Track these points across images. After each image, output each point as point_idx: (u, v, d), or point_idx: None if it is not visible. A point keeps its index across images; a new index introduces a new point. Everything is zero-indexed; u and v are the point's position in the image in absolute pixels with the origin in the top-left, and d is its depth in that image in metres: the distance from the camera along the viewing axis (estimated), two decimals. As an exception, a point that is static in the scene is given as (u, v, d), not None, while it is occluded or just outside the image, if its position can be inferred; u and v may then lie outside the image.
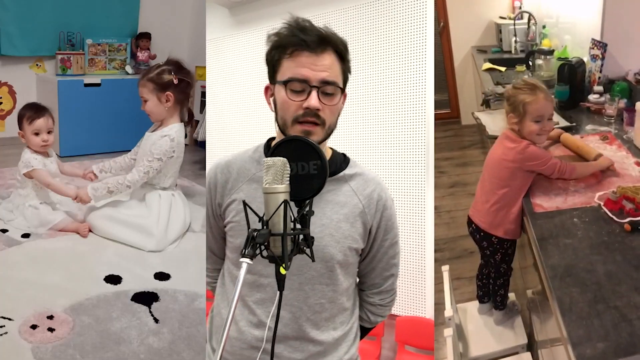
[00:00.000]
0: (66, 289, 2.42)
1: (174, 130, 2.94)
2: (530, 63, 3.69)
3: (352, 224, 1.33)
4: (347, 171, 1.36)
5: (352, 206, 1.34)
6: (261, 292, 1.33)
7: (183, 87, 2.96)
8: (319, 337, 1.35)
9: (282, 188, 1.09)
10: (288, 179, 1.11)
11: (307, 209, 1.14)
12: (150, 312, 2.31)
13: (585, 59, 3.02)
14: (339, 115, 1.32)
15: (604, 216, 1.91)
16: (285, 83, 1.26)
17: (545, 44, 3.80)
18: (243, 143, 3.53)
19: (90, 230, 2.97)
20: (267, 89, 1.34)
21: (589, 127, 2.67)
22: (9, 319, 2.18)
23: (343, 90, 1.30)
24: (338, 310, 1.37)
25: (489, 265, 2.48)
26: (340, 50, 1.28)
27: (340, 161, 1.38)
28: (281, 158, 1.10)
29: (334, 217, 1.32)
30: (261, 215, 1.10)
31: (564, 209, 2.00)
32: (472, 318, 2.69)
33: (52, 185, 2.99)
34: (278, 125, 1.30)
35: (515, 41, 4.27)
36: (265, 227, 1.08)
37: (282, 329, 1.32)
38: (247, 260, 1.04)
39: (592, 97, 2.87)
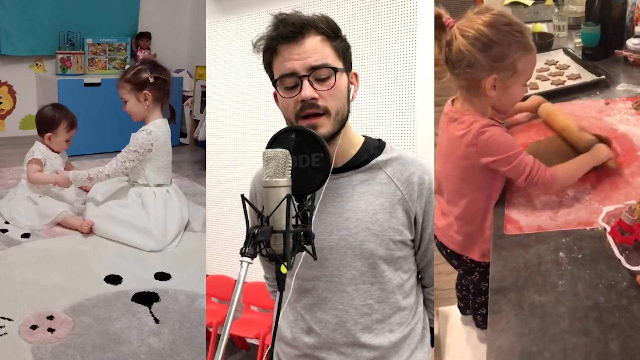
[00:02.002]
0: (66, 289, 2.39)
1: (153, 125, 2.95)
2: None
3: (392, 213, 1.22)
4: (380, 157, 1.26)
5: (390, 194, 1.23)
6: (307, 296, 1.26)
7: (160, 84, 2.97)
8: (373, 341, 1.24)
9: (284, 182, 1.02)
10: (290, 172, 1.04)
11: (309, 204, 1.07)
12: (151, 312, 2.29)
13: None
14: (350, 99, 1.24)
15: (608, 251, 1.20)
16: (277, 83, 1.20)
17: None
18: (242, 142, 3.51)
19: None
20: (275, 95, 1.27)
21: (620, 86, 1.98)
22: (9, 319, 2.15)
23: (340, 70, 1.20)
24: (392, 310, 1.26)
25: (467, 280, 2.01)
26: (324, 30, 1.19)
27: (374, 148, 1.28)
28: (283, 150, 1.04)
29: (370, 208, 1.21)
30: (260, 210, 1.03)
31: (549, 232, 1.31)
32: (453, 328, 2.19)
33: (33, 180, 3.01)
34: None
35: (547, -34, 3.16)
36: (266, 223, 1.01)
37: (330, 335, 1.24)
38: (248, 259, 0.97)
39: (631, 42, 2.13)
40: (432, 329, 1.36)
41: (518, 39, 1.45)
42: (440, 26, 1.50)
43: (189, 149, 4.76)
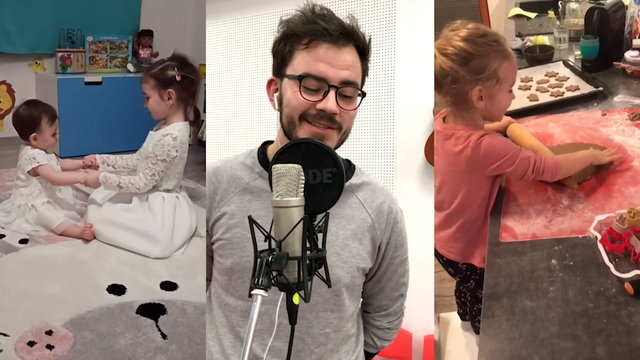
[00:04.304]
0: (66, 300, 2.30)
1: (177, 129, 2.83)
2: (560, 7, 2.86)
3: (360, 240, 1.18)
4: (353, 180, 1.21)
5: (360, 220, 1.18)
6: (257, 321, 1.13)
7: (186, 84, 2.85)
8: None
9: (297, 201, 0.92)
10: (303, 190, 0.94)
11: (322, 225, 0.97)
12: (157, 326, 2.18)
13: (627, 1, 2.34)
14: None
15: (599, 259, 1.25)
16: (299, 79, 1.09)
17: (587, -18, 2.93)
18: (242, 142, 3.40)
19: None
20: (270, 82, 1.18)
21: (618, 98, 2.03)
22: (5, 335, 2.05)
23: (363, 94, 1.15)
24: (343, 339, 1.23)
25: (465, 287, 2.05)
26: (364, 46, 1.13)
27: (346, 168, 1.19)
28: (295, 165, 0.94)
29: (340, 233, 1.16)
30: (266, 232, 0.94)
31: (542, 240, 1.37)
32: (453, 333, 2.23)
33: (59, 180, 2.91)
34: (282, 125, 1.15)
35: (551, -21, 3.31)
36: (278, 248, 0.91)
37: None
38: (262, 292, 0.87)
39: (629, 54, 2.20)
40: (366, 353, 1.32)
41: (495, 48, 1.52)
42: None
43: (192, 149, 4.63)
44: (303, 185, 0.94)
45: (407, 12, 2.50)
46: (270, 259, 0.89)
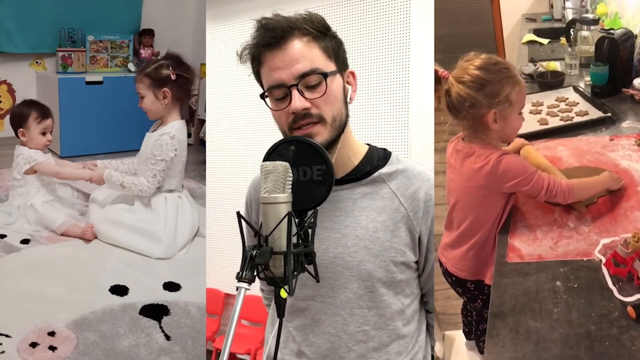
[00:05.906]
0: (68, 301, 2.28)
1: (175, 127, 2.82)
2: (572, 34, 2.91)
3: (394, 232, 1.14)
4: (384, 170, 1.19)
5: (393, 211, 1.15)
6: (300, 317, 1.18)
7: (182, 83, 2.83)
8: None
9: (284, 197, 0.96)
10: (290, 186, 0.97)
11: (311, 220, 1.00)
12: (161, 327, 2.17)
13: (636, 31, 2.40)
14: (347, 101, 1.16)
15: (602, 282, 1.27)
16: (264, 97, 1.14)
17: (599, 11, 3.02)
18: (243, 142, 3.39)
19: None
20: None
21: (626, 123, 2.09)
22: (7, 336, 2.04)
23: (332, 73, 1.12)
24: (391, 338, 1.18)
25: (471, 306, 2.06)
26: (309, 30, 1.11)
27: (379, 158, 1.21)
28: (282, 162, 0.98)
29: (370, 225, 1.14)
30: (257, 228, 0.97)
31: (548, 261, 1.39)
32: (458, 351, 2.22)
33: (63, 174, 2.90)
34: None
35: (563, 7, 3.45)
36: (264, 243, 0.95)
37: None
38: (245, 285, 0.91)
39: (638, 81, 2.27)
40: (432, 357, 1.31)
41: (507, 75, 1.64)
42: (436, 79, 1.65)
43: (194, 149, 4.63)
44: (290, 182, 0.97)
45: (422, 10, 2.49)
46: (254, 253, 0.92)
